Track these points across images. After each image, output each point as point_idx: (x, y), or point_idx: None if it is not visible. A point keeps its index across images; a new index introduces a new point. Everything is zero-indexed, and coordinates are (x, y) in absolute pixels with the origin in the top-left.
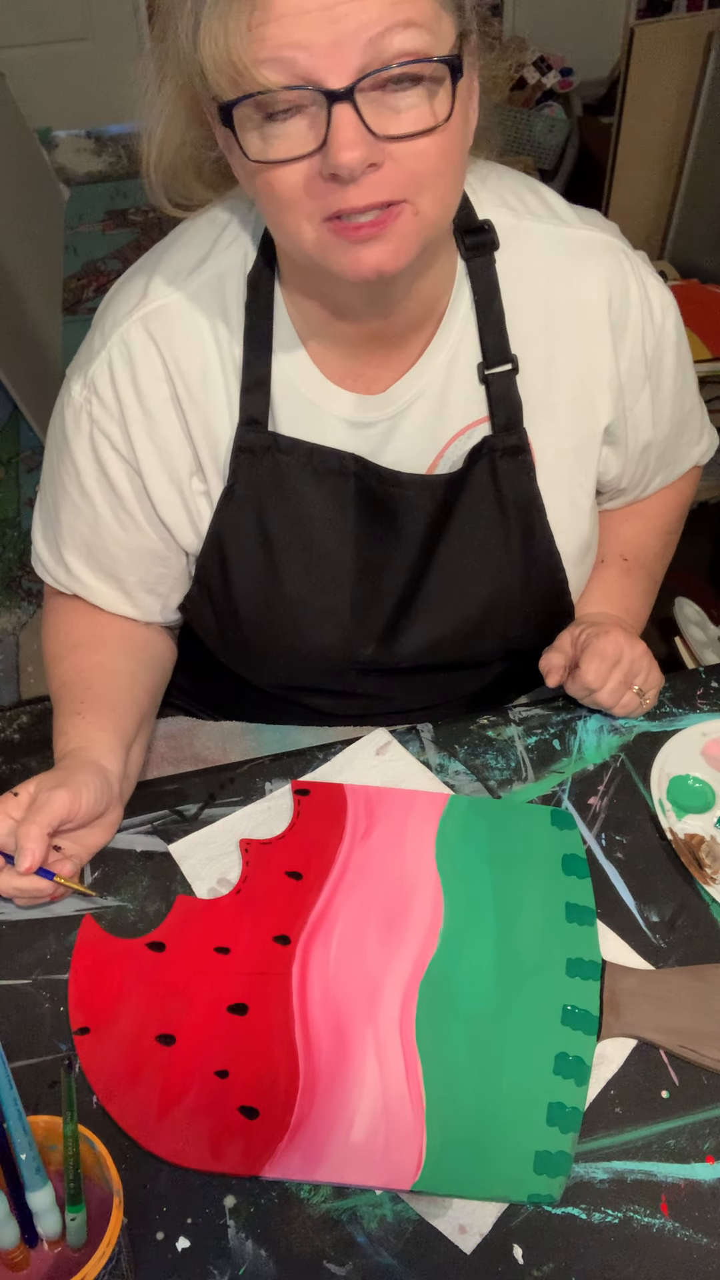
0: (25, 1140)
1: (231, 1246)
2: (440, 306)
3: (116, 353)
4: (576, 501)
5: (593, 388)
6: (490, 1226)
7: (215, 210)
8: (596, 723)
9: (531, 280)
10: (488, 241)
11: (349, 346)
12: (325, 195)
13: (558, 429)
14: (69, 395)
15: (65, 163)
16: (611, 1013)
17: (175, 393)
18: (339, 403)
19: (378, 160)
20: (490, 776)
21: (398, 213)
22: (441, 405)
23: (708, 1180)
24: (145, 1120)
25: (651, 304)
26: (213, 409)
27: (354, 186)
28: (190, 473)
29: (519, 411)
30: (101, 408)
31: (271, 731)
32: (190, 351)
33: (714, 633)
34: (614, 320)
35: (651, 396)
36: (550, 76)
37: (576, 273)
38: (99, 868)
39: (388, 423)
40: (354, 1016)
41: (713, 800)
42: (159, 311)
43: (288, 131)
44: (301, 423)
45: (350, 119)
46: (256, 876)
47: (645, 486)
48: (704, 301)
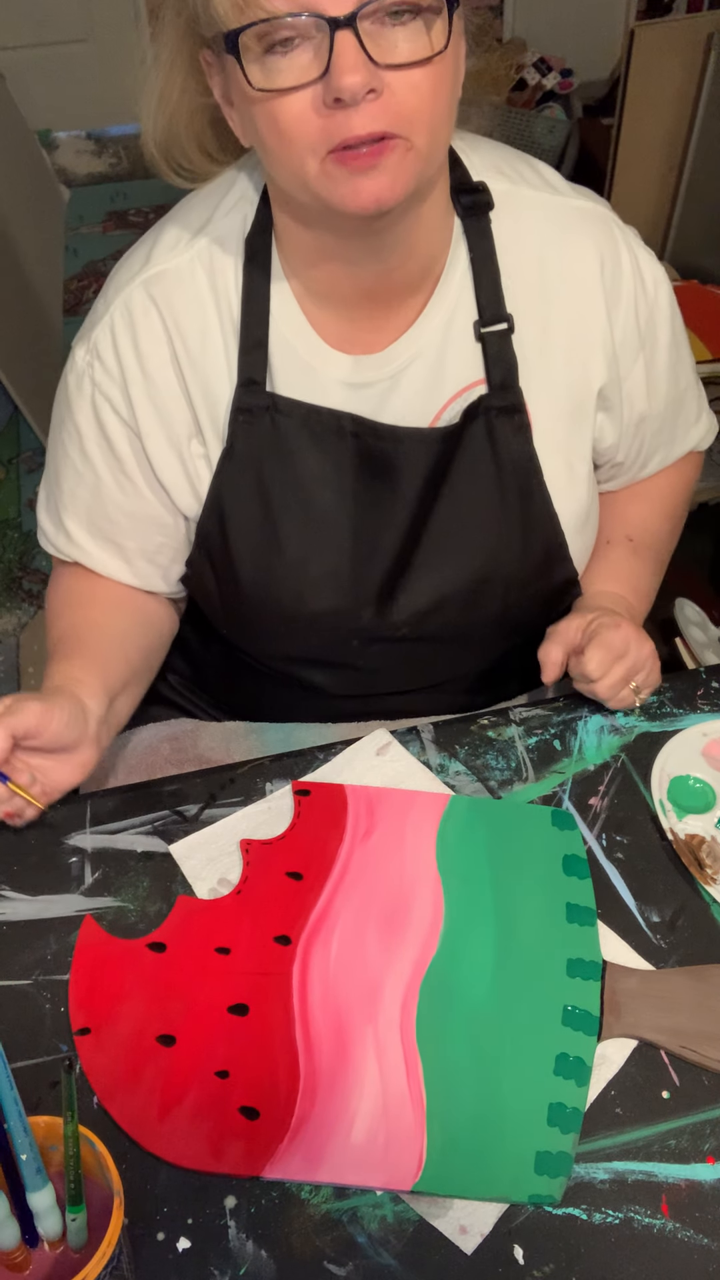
0: (26, 1141)
1: (232, 1247)
2: (437, 268)
3: (119, 316)
4: (574, 467)
5: (586, 350)
6: (491, 1227)
7: (214, 183)
8: (597, 723)
9: (526, 244)
10: (483, 202)
11: (346, 309)
12: (328, 122)
13: (553, 390)
14: (73, 361)
15: (65, 164)
16: (612, 1013)
17: (175, 354)
18: (337, 366)
19: (377, 87)
20: (491, 777)
21: (392, 146)
22: (439, 366)
23: (708, 1181)
24: (146, 1121)
25: (644, 276)
26: (212, 371)
27: (355, 113)
28: (189, 435)
29: (514, 371)
30: (103, 371)
31: (275, 730)
32: (190, 314)
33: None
34: (607, 287)
35: (646, 369)
36: (550, 78)
37: (569, 240)
38: (99, 868)
39: (386, 383)
40: (354, 1017)
41: (713, 800)
42: (160, 276)
43: (291, 63)
44: (300, 385)
45: (352, 45)
46: (257, 877)
47: (644, 464)
48: (704, 302)
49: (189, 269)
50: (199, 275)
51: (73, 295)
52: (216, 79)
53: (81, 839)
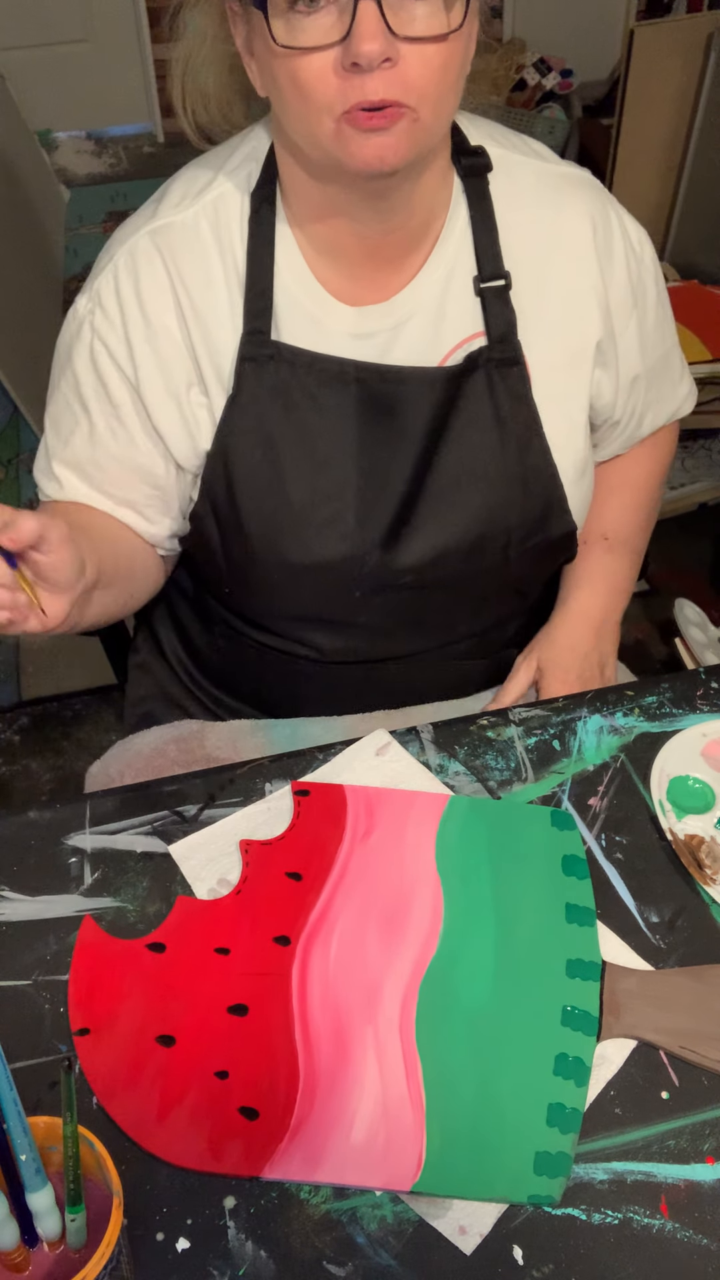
0: (25, 1141)
1: (231, 1247)
2: (437, 225)
3: (123, 263)
4: (572, 417)
5: (581, 305)
6: (490, 1227)
7: (218, 147)
8: (596, 723)
9: (521, 204)
10: (482, 164)
11: (349, 265)
12: (345, 83)
13: (551, 343)
14: (74, 310)
15: (65, 164)
16: (611, 1013)
17: (179, 303)
18: (341, 317)
19: (392, 56)
20: (490, 777)
21: (400, 114)
22: (439, 319)
23: (708, 1181)
24: (145, 1121)
25: (630, 237)
26: (216, 321)
27: (370, 78)
28: (189, 384)
29: (513, 325)
30: (104, 317)
31: (282, 726)
32: (195, 265)
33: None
34: (599, 247)
35: (638, 326)
36: (550, 78)
37: (562, 202)
38: (99, 869)
39: (388, 334)
40: (354, 1017)
41: (713, 801)
42: (166, 228)
43: (314, 23)
44: (304, 334)
45: (374, 13)
46: (257, 877)
47: (639, 422)
48: (704, 302)
49: (194, 222)
50: (204, 228)
51: (72, 295)
52: (240, 28)
53: (81, 839)
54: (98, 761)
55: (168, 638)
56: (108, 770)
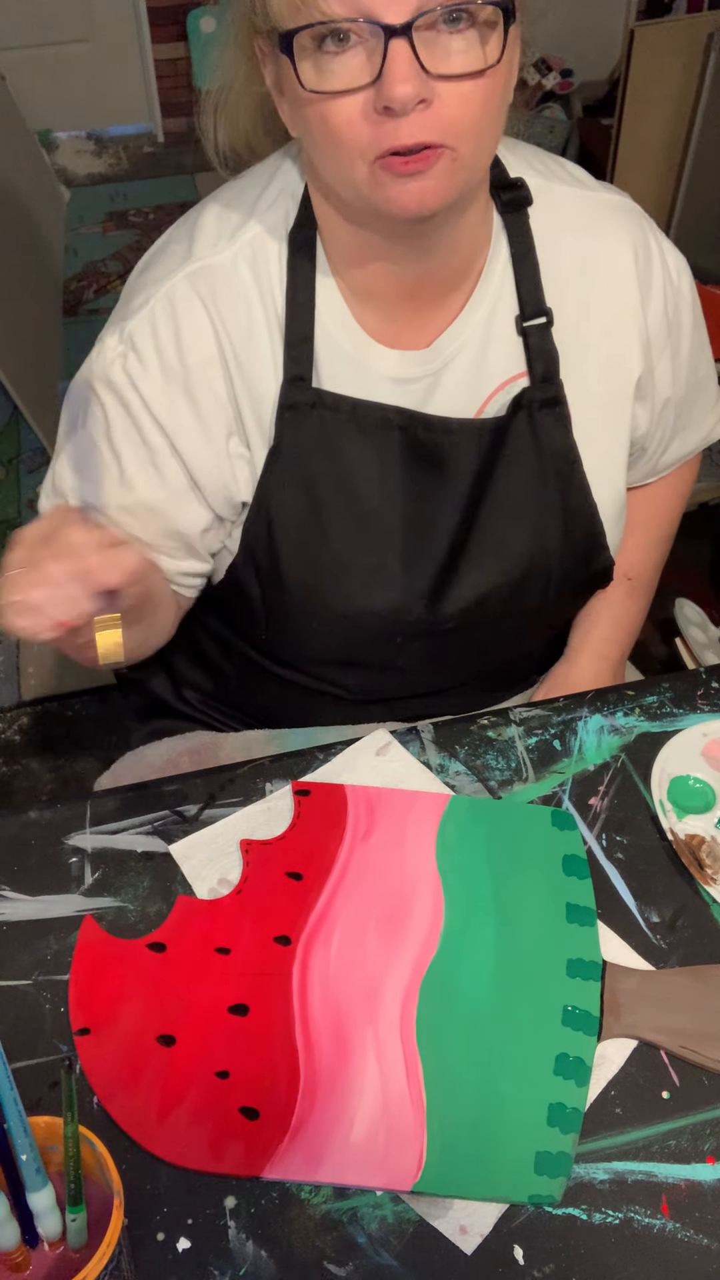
0: (26, 1141)
1: (232, 1247)
2: (478, 264)
3: (160, 309)
4: (611, 454)
5: (623, 341)
6: (491, 1227)
7: (251, 174)
8: (597, 723)
9: (562, 237)
10: (522, 198)
11: (389, 306)
12: (377, 129)
13: (591, 382)
14: (101, 349)
15: (66, 164)
16: (612, 1013)
17: (221, 351)
18: (382, 360)
19: (428, 97)
20: (491, 777)
21: (438, 155)
22: (482, 360)
23: (708, 1181)
24: (146, 1121)
25: (669, 266)
26: (258, 369)
27: (404, 122)
28: (229, 433)
29: (556, 364)
30: (138, 362)
31: (297, 735)
32: (236, 310)
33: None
34: (640, 278)
35: (671, 357)
36: (550, 78)
37: (602, 232)
38: (99, 868)
39: (430, 379)
40: (354, 1017)
41: (713, 801)
42: (205, 270)
43: (344, 65)
44: (346, 380)
45: (406, 54)
46: (257, 877)
47: (664, 450)
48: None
49: (233, 265)
50: (243, 271)
51: (73, 295)
52: (270, 68)
53: (81, 839)
54: (107, 773)
55: (180, 659)
56: (119, 781)
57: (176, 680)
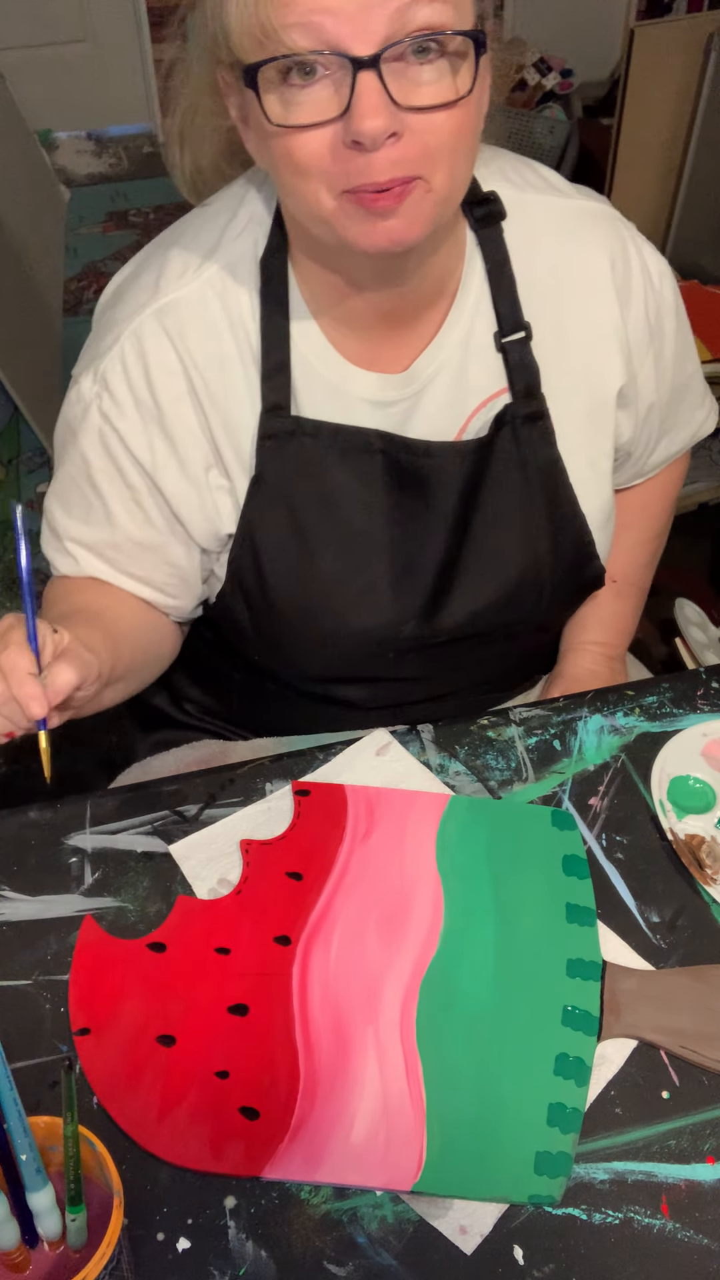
0: (26, 1141)
1: (232, 1247)
2: (453, 282)
3: (129, 347)
4: (597, 464)
5: (603, 351)
6: (491, 1227)
7: (218, 202)
8: (597, 723)
9: (537, 249)
10: (495, 212)
11: (365, 329)
12: (346, 164)
13: (573, 394)
14: (78, 392)
15: (66, 164)
16: (612, 1013)
17: (192, 386)
18: (361, 383)
19: (398, 130)
20: (491, 777)
21: (412, 188)
22: (462, 379)
23: (708, 1181)
24: (145, 1121)
25: (650, 272)
26: (233, 400)
27: (375, 156)
28: (207, 467)
29: (537, 378)
30: (112, 403)
31: (305, 743)
32: (206, 344)
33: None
34: (619, 286)
35: (655, 362)
36: (550, 78)
37: (579, 241)
38: (99, 869)
39: (409, 401)
40: (354, 1017)
41: (713, 801)
42: (172, 305)
43: (311, 98)
44: (324, 405)
45: (374, 86)
46: (257, 877)
47: (650, 451)
48: (704, 302)
49: (200, 297)
50: (212, 303)
51: (73, 295)
52: (234, 99)
53: (81, 839)
54: (114, 785)
55: (179, 677)
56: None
57: (177, 696)
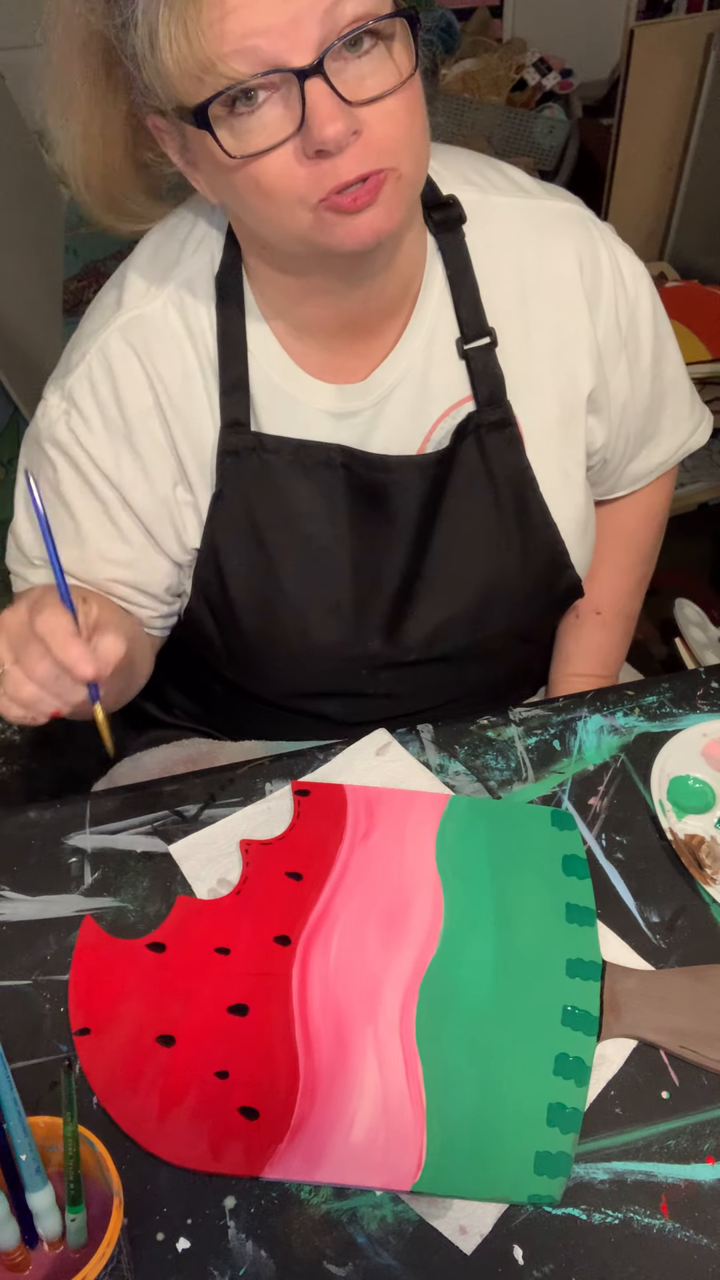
0: (25, 1141)
1: (232, 1247)
2: (413, 288)
3: (96, 363)
4: (569, 473)
5: (572, 355)
6: (490, 1227)
7: (172, 220)
8: (597, 723)
9: (502, 253)
10: (455, 216)
11: (325, 339)
12: (314, 171)
13: (542, 400)
14: (45, 408)
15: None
16: (612, 1013)
17: (158, 401)
18: (320, 395)
19: (358, 128)
20: (490, 777)
21: (382, 179)
22: (424, 387)
23: (708, 1181)
24: (145, 1121)
25: (623, 273)
26: (195, 415)
27: (340, 159)
28: (174, 483)
29: (501, 385)
30: (81, 420)
31: (291, 746)
32: (169, 360)
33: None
34: (587, 288)
35: (629, 366)
36: (550, 78)
37: (546, 243)
38: (99, 869)
39: (371, 410)
40: (354, 1017)
41: (713, 801)
42: (135, 321)
43: (261, 121)
44: (284, 420)
45: (324, 92)
46: (257, 877)
47: (630, 458)
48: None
49: (162, 313)
50: (173, 319)
51: (73, 295)
52: (173, 144)
53: (81, 839)
54: (103, 780)
55: (167, 686)
56: (113, 783)
57: (166, 703)
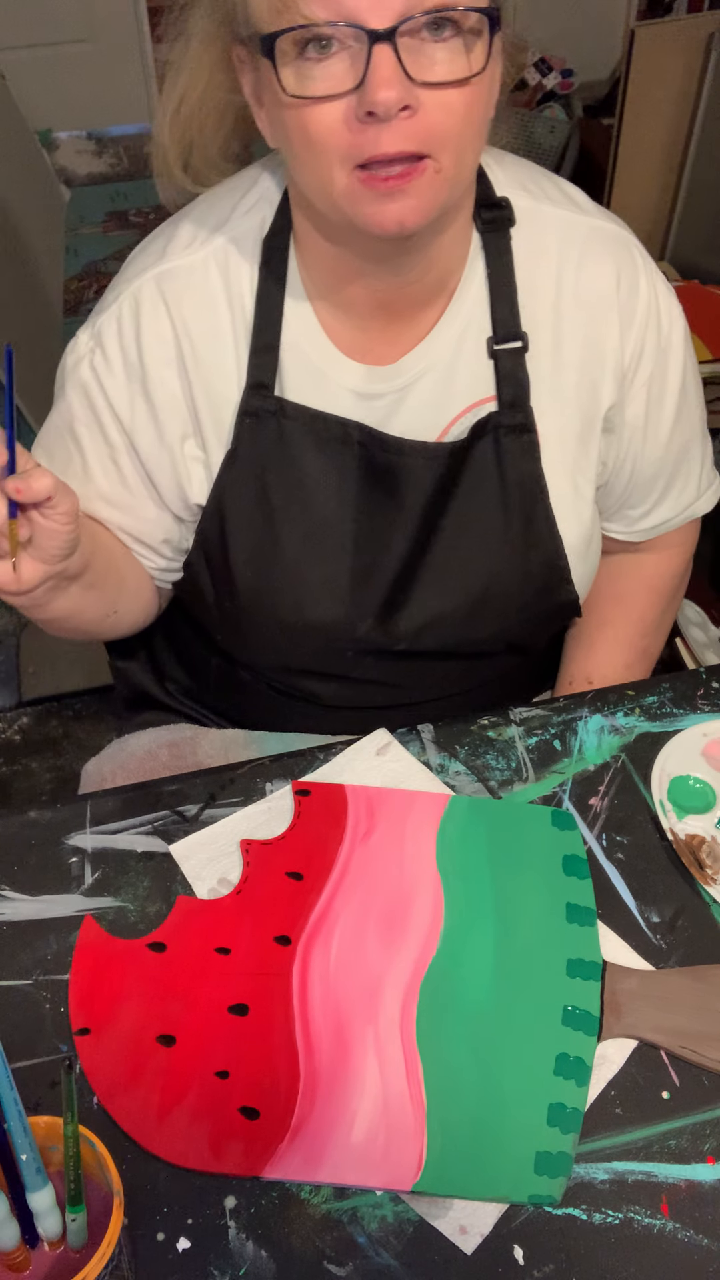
0: (26, 1141)
1: (232, 1247)
2: (453, 281)
3: (126, 308)
4: (580, 489)
5: (598, 372)
6: (491, 1227)
7: (235, 180)
8: (597, 723)
9: (544, 262)
10: (505, 217)
11: (360, 318)
12: (358, 136)
13: (564, 412)
14: (75, 343)
15: (66, 164)
16: (612, 1013)
17: (180, 354)
18: (348, 373)
19: (411, 104)
20: (491, 777)
21: (421, 169)
22: (449, 380)
23: (708, 1181)
24: (146, 1121)
25: (659, 308)
26: (219, 372)
27: (386, 129)
28: (184, 436)
29: (525, 390)
30: (103, 359)
31: (275, 739)
32: (201, 313)
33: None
34: (622, 304)
35: (648, 406)
36: (551, 78)
37: (589, 260)
38: (99, 868)
39: (395, 395)
40: (354, 1017)
41: (713, 801)
42: (173, 272)
43: (326, 71)
44: (309, 390)
45: (389, 59)
46: (257, 877)
47: (625, 504)
48: (704, 302)
49: (203, 267)
50: (213, 274)
51: (73, 295)
52: (248, 76)
53: (81, 839)
54: (93, 760)
55: (163, 653)
56: (101, 769)
57: (160, 674)
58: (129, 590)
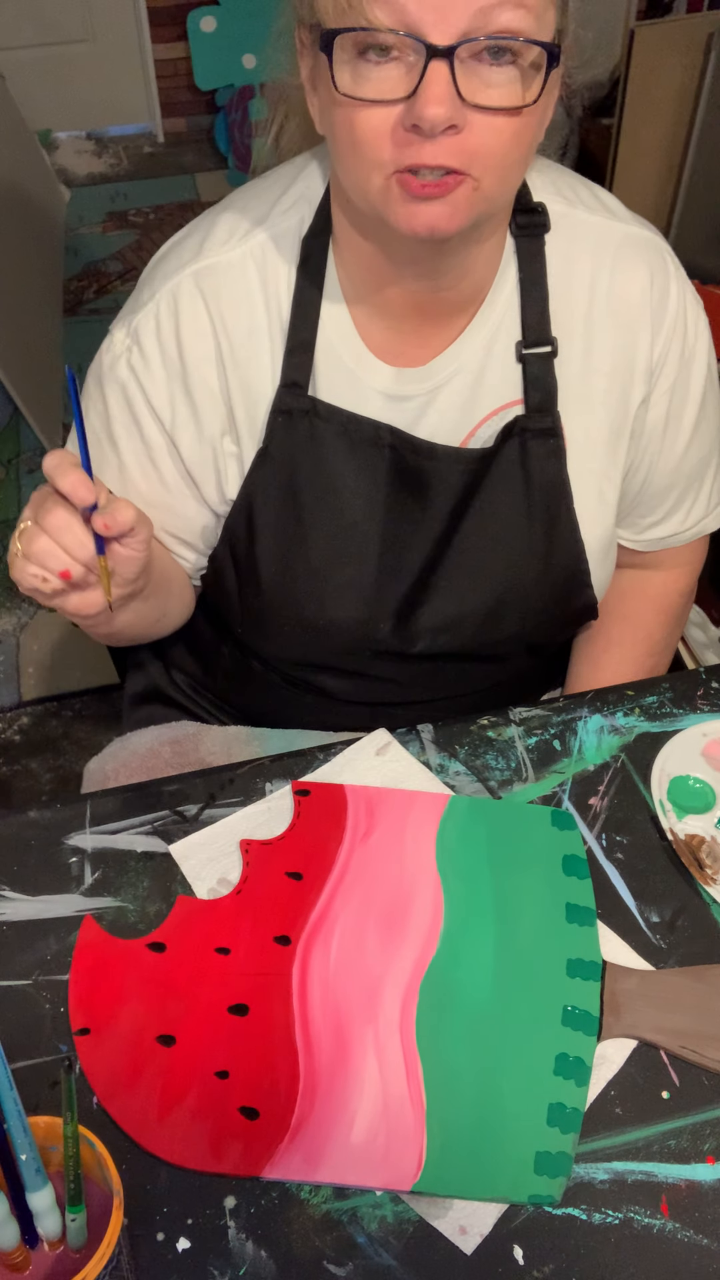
0: (25, 1141)
1: (232, 1247)
2: (486, 287)
3: (164, 305)
4: (604, 494)
5: (626, 377)
6: (490, 1227)
7: (274, 175)
8: (597, 723)
9: (577, 268)
10: (540, 223)
11: (394, 320)
12: (401, 146)
13: (592, 418)
14: (110, 342)
15: (66, 164)
16: (612, 1013)
17: (219, 351)
18: (378, 375)
19: (459, 123)
20: (490, 777)
21: (459, 182)
22: (478, 383)
23: (708, 1181)
24: (145, 1121)
25: (687, 316)
26: (255, 370)
27: (430, 143)
28: (222, 432)
29: (553, 395)
30: (141, 357)
31: (278, 737)
32: (238, 310)
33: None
34: (654, 306)
35: (668, 412)
36: None
37: (621, 266)
38: (99, 868)
39: (424, 398)
40: (354, 1017)
41: (713, 801)
42: (211, 269)
43: (381, 75)
44: (342, 391)
45: (444, 76)
46: (257, 877)
47: (632, 513)
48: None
49: (241, 264)
50: (251, 272)
51: (73, 295)
52: (306, 60)
53: (81, 839)
54: (95, 758)
55: (175, 643)
56: (104, 767)
57: (169, 664)
58: (174, 593)
